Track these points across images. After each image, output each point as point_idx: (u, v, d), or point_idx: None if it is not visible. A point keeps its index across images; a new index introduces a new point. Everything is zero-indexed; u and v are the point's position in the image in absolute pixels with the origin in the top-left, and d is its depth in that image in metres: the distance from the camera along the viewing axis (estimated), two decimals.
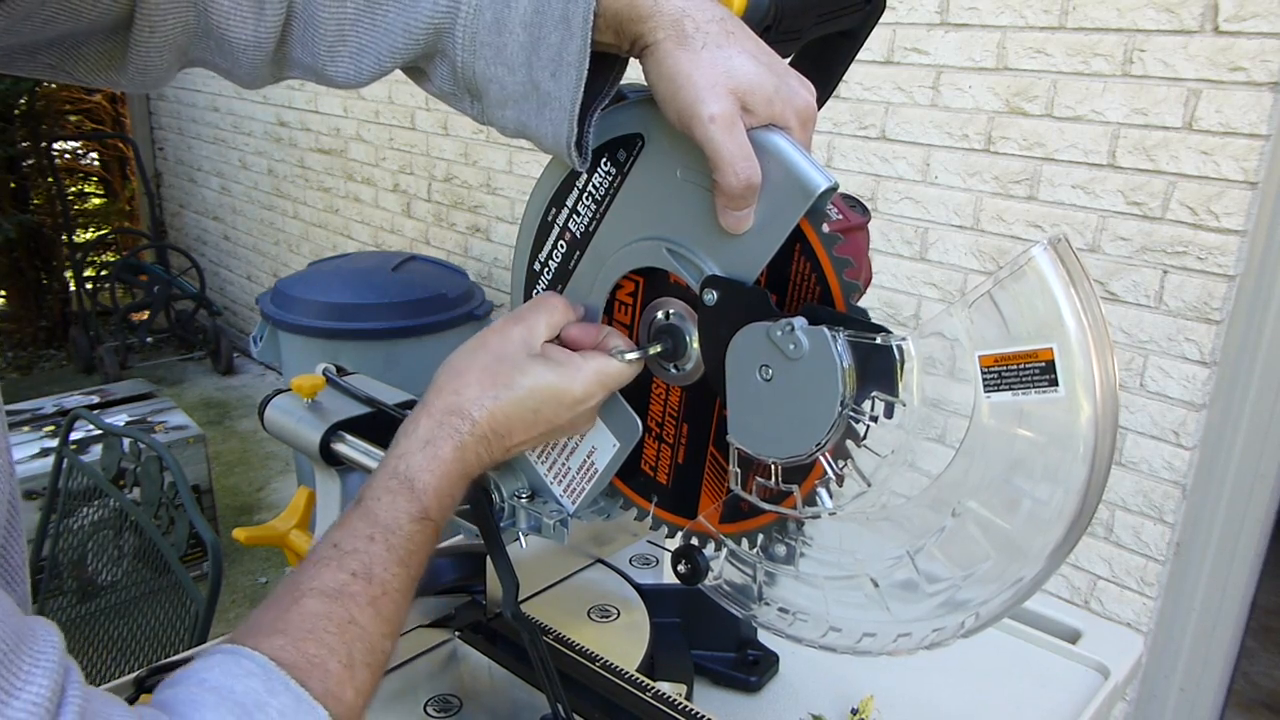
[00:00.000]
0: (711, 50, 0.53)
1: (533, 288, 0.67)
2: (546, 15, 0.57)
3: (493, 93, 0.61)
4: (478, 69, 0.60)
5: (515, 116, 0.61)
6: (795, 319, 0.52)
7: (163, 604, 1.81)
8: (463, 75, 0.61)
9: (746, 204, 0.53)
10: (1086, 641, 1.03)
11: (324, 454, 0.91)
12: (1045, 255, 0.48)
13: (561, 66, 0.57)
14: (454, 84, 0.63)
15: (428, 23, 0.60)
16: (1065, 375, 0.48)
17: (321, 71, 0.63)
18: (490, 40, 0.59)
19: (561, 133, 0.58)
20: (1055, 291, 0.48)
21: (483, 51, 0.59)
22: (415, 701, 0.78)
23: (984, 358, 0.50)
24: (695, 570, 0.64)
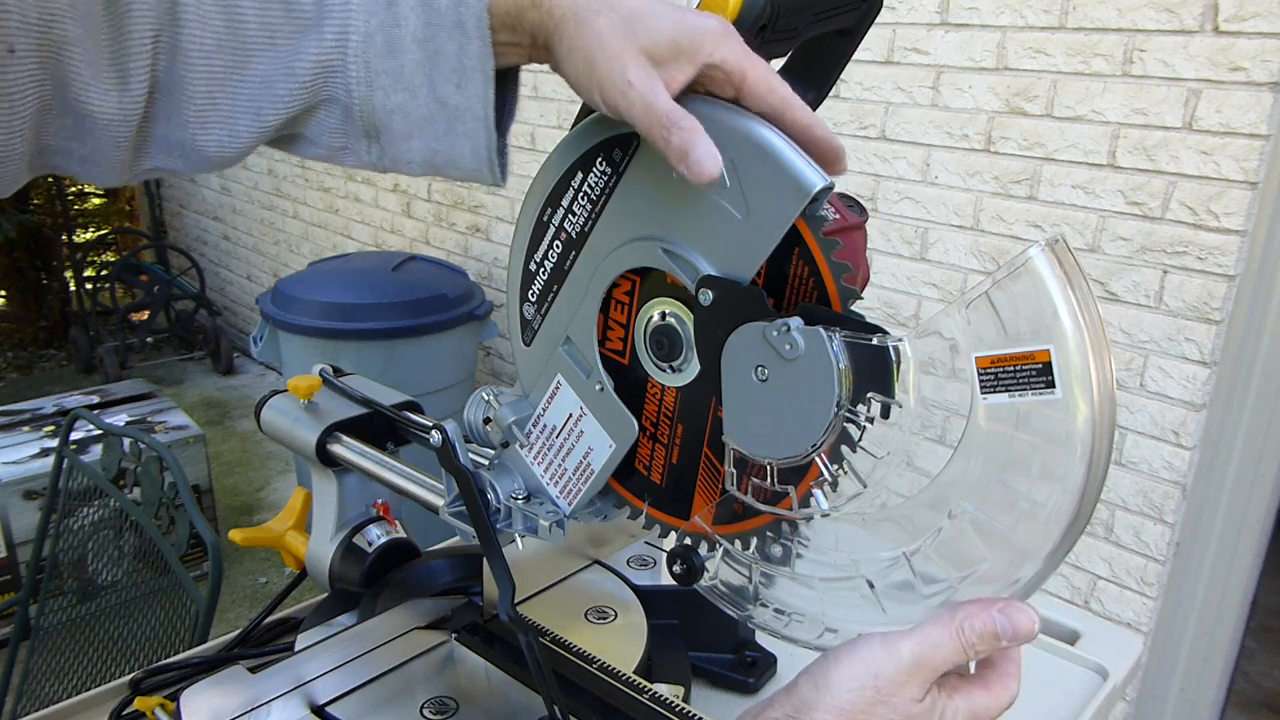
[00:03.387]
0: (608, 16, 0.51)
1: (528, 288, 0.66)
2: (439, 26, 0.54)
3: (396, 125, 0.57)
4: (377, 102, 0.56)
5: (424, 145, 0.57)
6: (791, 319, 0.52)
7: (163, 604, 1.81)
8: (360, 114, 0.57)
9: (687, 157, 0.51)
10: (1085, 642, 1.02)
11: (320, 455, 0.91)
12: (1042, 256, 0.48)
13: (465, 74, 0.54)
14: (345, 132, 0.58)
15: (315, 63, 0.55)
16: (1062, 377, 0.48)
17: (190, 145, 0.57)
18: (386, 67, 0.55)
19: (480, 144, 0.56)
20: (1053, 292, 0.48)
21: (380, 80, 0.56)
22: (411, 704, 0.78)
23: (980, 359, 0.50)
24: (691, 571, 0.64)
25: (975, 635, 0.51)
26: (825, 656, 0.54)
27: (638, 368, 0.63)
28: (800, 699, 0.53)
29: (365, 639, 0.84)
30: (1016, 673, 0.55)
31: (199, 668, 0.88)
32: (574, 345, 0.65)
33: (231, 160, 0.59)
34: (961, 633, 0.51)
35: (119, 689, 0.87)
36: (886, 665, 0.52)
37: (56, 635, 1.98)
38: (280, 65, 0.55)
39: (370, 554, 0.94)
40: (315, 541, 0.96)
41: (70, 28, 0.51)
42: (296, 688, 0.78)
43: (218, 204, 5.29)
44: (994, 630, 0.51)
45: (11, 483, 2.83)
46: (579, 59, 0.53)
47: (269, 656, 0.89)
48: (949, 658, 0.52)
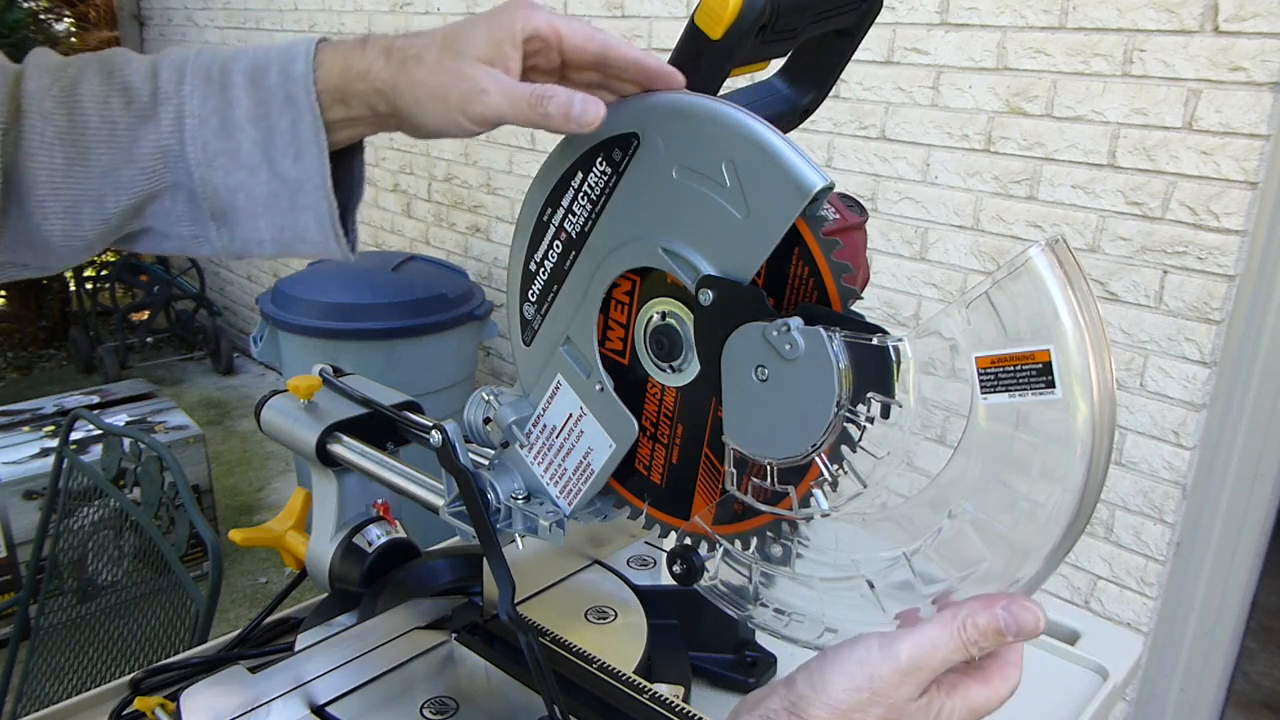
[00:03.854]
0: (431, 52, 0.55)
1: (528, 288, 0.66)
2: (270, 105, 0.56)
3: (241, 204, 0.58)
4: (219, 182, 0.58)
5: (270, 223, 0.59)
6: (791, 319, 0.52)
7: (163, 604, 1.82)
8: (204, 196, 0.58)
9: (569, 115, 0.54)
10: (1085, 642, 1.02)
11: (320, 455, 0.91)
12: (1042, 256, 0.48)
13: (301, 147, 0.56)
14: (194, 218, 0.59)
15: (154, 149, 0.57)
16: (1063, 377, 0.48)
17: (37, 235, 0.58)
18: (223, 147, 0.57)
19: (323, 213, 0.58)
20: (1053, 292, 0.48)
21: (218, 161, 0.58)
22: (411, 704, 0.78)
23: (980, 359, 0.50)
24: (691, 571, 0.64)
25: (978, 633, 0.51)
26: (824, 654, 0.54)
27: (638, 368, 0.63)
28: (798, 694, 0.53)
29: (365, 639, 0.84)
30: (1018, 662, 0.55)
31: (199, 668, 0.88)
32: (574, 345, 0.65)
33: (78, 252, 0.60)
34: (963, 630, 0.51)
35: (119, 689, 0.87)
36: (883, 666, 0.52)
37: (56, 635, 1.98)
38: (121, 154, 0.57)
39: (370, 554, 0.94)
40: (315, 541, 0.96)
41: None
42: (296, 688, 0.78)
43: None
44: (997, 627, 0.51)
45: (11, 483, 2.83)
46: (429, 100, 0.55)
47: (269, 656, 0.89)
48: (949, 657, 0.51)
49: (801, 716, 0.52)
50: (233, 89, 0.57)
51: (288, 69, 0.57)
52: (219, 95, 0.57)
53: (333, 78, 0.57)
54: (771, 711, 0.53)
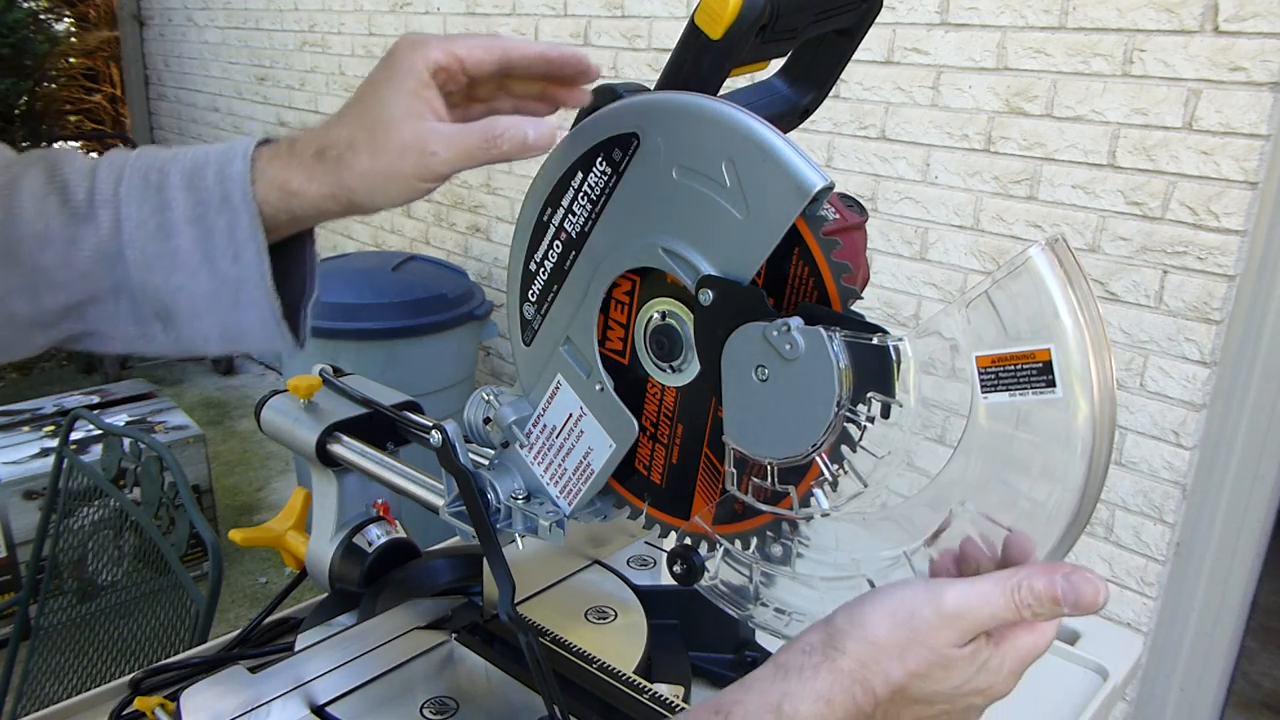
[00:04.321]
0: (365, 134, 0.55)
1: (528, 288, 0.66)
2: (207, 205, 0.56)
3: (183, 305, 0.58)
4: (158, 283, 0.57)
5: (214, 322, 0.59)
6: (791, 319, 0.52)
7: (163, 604, 1.81)
8: (145, 297, 0.58)
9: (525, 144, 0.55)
10: (1085, 642, 1.02)
11: (320, 455, 0.91)
12: (1042, 255, 0.48)
13: (239, 247, 0.56)
14: (137, 318, 0.59)
15: (92, 250, 0.57)
16: (1063, 376, 0.48)
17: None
18: (161, 249, 0.57)
19: (265, 310, 0.57)
20: (1053, 292, 0.48)
21: (158, 264, 0.57)
22: (411, 704, 0.78)
23: (981, 359, 0.50)
24: (691, 571, 0.64)
25: (1033, 597, 0.49)
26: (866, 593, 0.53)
27: (638, 368, 0.63)
28: (835, 628, 0.52)
29: (365, 639, 0.84)
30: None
31: (199, 668, 0.88)
32: (574, 345, 0.65)
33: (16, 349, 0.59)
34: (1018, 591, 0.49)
35: (119, 689, 0.87)
36: (925, 607, 0.50)
37: (56, 635, 1.98)
38: (57, 255, 0.56)
39: (370, 554, 0.94)
40: (315, 541, 0.96)
41: None
42: (296, 688, 0.78)
43: None
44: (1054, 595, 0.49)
45: (11, 483, 2.82)
46: (383, 182, 0.55)
47: (269, 656, 0.89)
48: (997, 614, 0.50)
49: (837, 649, 0.51)
50: (169, 190, 0.57)
51: (224, 170, 0.57)
52: (156, 197, 0.57)
53: (273, 179, 0.57)
54: (808, 644, 0.52)
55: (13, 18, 5.18)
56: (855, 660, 0.50)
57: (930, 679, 0.50)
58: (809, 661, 0.51)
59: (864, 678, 0.50)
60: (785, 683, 0.51)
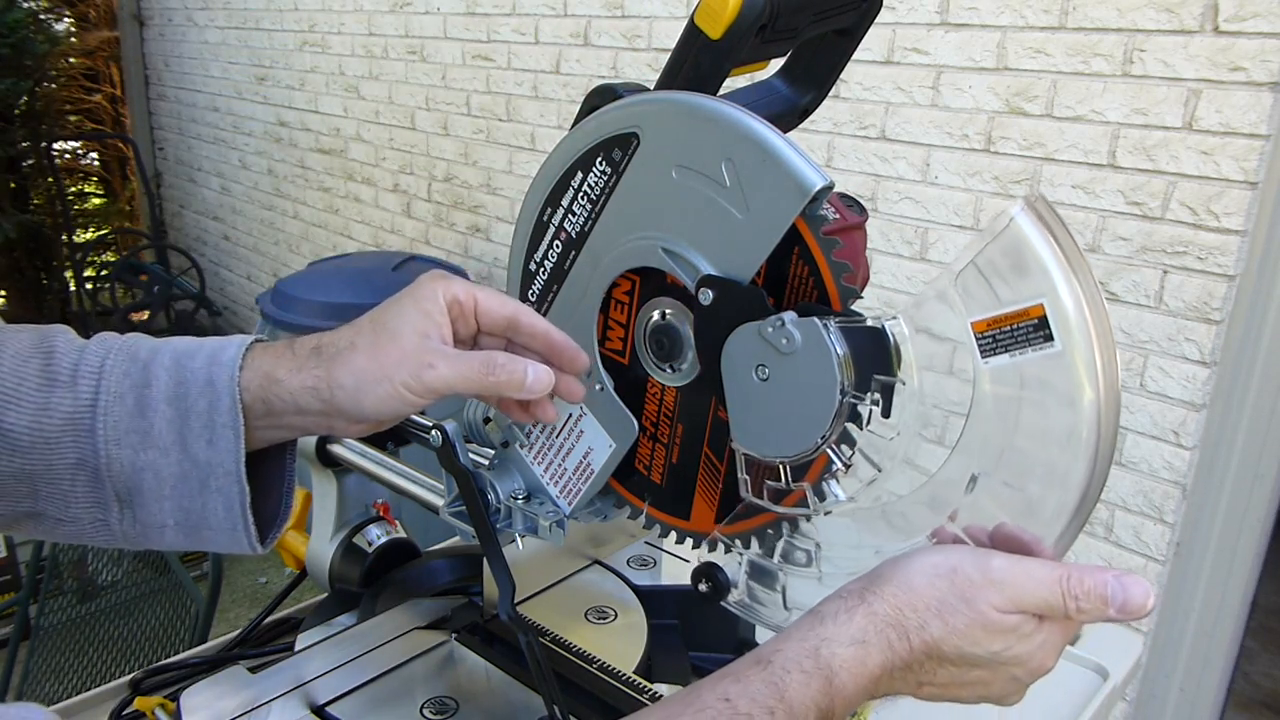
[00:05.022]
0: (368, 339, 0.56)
1: (528, 288, 0.66)
2: (190, 385, 0.56)
3: (148, 484, 0.56)
4: (126, 460, 0.56)
5: (175, 505, 0.57)
6: (785, 314, 0.52)
7: (163, 604, 1.82)
8: (109, 474, 0.56)
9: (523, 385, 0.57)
10: (1085, 642, 1.02)
11: (320, 455, 0.91)
12: (1024, 215, 0.48)
13: (216, 431, 0.56)
14: (96, 499, 0.57)
15: (65, 418, 0.55)
16: (1059, 328, 0.48)
17: None
18: (135, 425, 0.56)
19: (233, 498, 0.56)
20: (1038, 248, 0.48)
21: (129, 439, 0.56)
22: (412, 704, 0.78)
23: (976, 324, 0.50)
24: (717, 588, 0.64)
25: (1081, 590, 0.49)
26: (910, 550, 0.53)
27: (638, 367, 0.63)
28: (875, 576, 0.51)
29: (365, 639, 0.84)
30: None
31: (199, 668, 0.88)
32: None
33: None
34: (1067, 580, 0.49)
35: (119, 689, 0.87)
36: (969, 566, 0.50)
37: (56, 635, 1.98)
38: (27, 417, 0.55)
39: (370, 554, 0.94)
40: (315, 541, 0.96)
41: None
42: (296, 688, 0.78)
43: (218, 204, 5.29)
44: (1103, 593, 0.48)
45: None
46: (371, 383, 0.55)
47: (269, 656, 0.89)
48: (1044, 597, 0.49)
49: (875, 594, 0.50)
50: (156, 368, 0.57)
51: (216, 355, 0.57)
52: (141, 373, 0.57)
53: (261, 370, 0.57)
54: (847, 591, 0.51)
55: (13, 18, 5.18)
56: (892, 607, 0.50)
57: (968, 639, 0.49)
58: (845, 606, 0.50)
59: (900, 624, 0.49)
60: (823, 628, 0.50)
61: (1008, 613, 0.49)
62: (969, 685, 0.51)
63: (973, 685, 0.51)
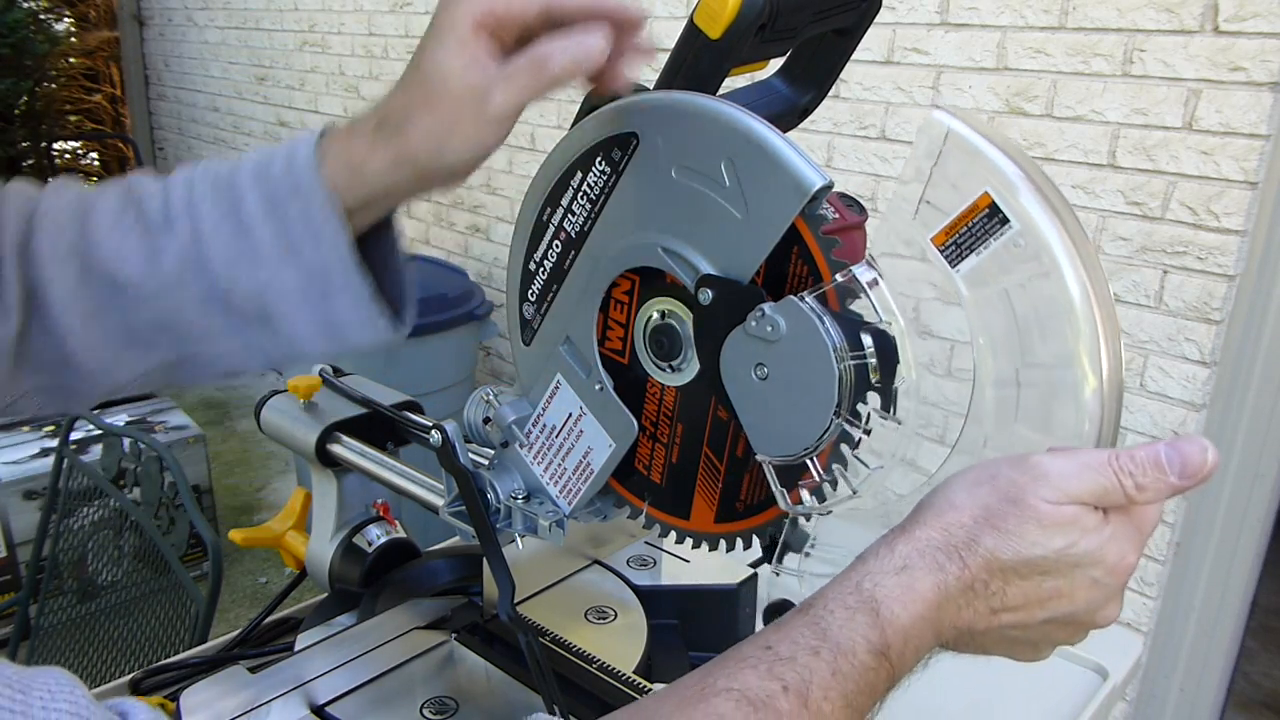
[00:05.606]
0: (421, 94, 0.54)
1: (528, 288, 0.66)
2: (278, 195, 0.56)
3: (273, 302, 0.57)
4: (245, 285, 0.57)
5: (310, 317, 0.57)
6: (763, 305, 0.53)
7: (163, 604, 1.81)
8: (238, 301, 0.57)
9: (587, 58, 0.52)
10: (1085, 642, 1.02)
11: (320, 455, 0.91)
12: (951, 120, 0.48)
13: (316, 231, 0.55)
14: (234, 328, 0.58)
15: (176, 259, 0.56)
16: (1009, 206, 0.48)
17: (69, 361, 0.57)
18: (242, 249, 0.56)
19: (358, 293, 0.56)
20: (968, 139, 0.48)
21: (240, 264, 0.56)
22: (411, 704, 0.78)
23: (935, 238, 0.50)
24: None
25: (1133, 464, 0.45)
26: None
27: (637, 367, 0.63)
28: (917, 506, 0.49)
29: (365, 639, 0.84)
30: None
31: (199, 668, 0.88)
32: (573, 345, 0.65)
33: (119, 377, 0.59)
34: (1115, 460, 0.45)
35: (119, 689, 0.87)
36: (1009, 467, 0.47)
37: (56, 635, 1.98)
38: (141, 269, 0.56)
39: (370, 554, 0.94)
40: (315, 541, 0.96)
41: None
42: (296, 688, 0.78)
43: None
44: (1157, 461, 0.45)
45: (11, 483, 2.82)
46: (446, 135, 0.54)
47: (269, 656, 0.89)
48: (1096, 481, 0.45)
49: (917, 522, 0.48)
50: (240, 189, 0.57)
51: (291, 159, 0.56)
52: (228, 197, 0.57)
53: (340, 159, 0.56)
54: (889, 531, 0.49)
55: (13, 18, 5.18)
56: (936, 529, 0.47)
57: (1025, 540, 0.45)
58: (886, 540, 0.48)
59: (948, 544, 0.46)
60: (864, 565, 0.47)
61: (1061, 504, 0.45)
62: (1050, 602, 0.46)
63: (1054, 601, 0.46)
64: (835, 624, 0.44)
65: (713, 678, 0.43)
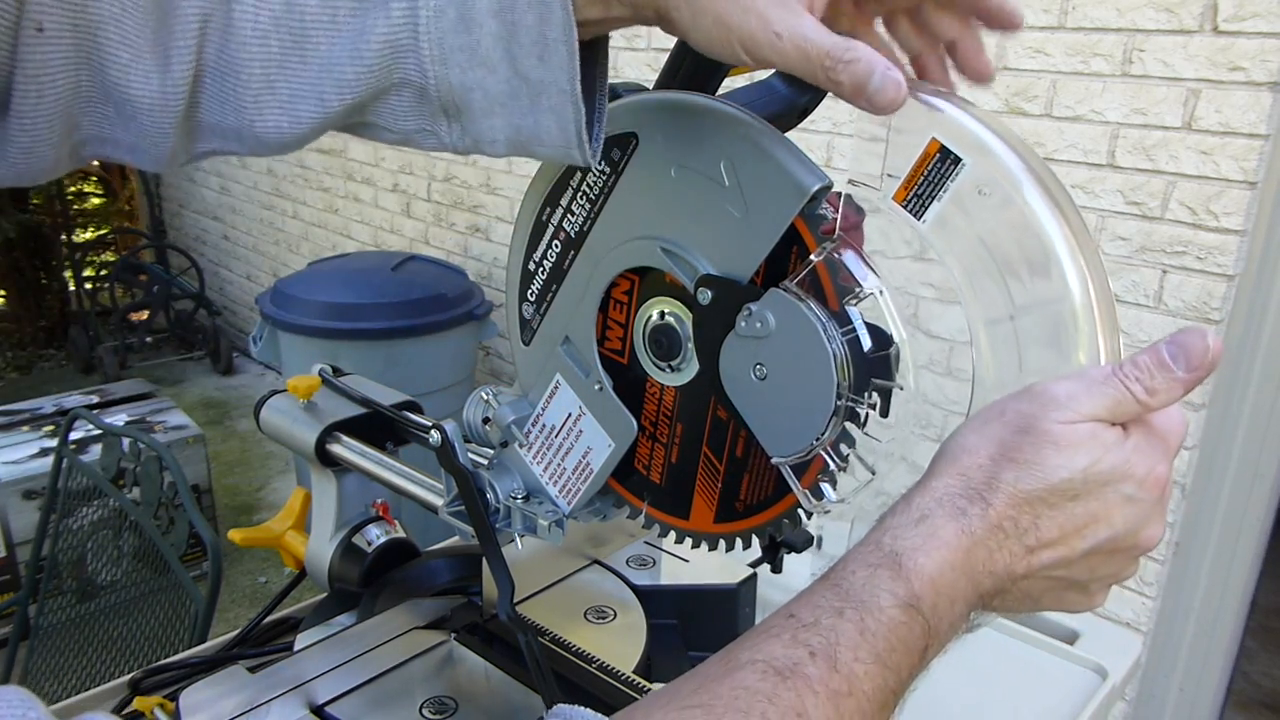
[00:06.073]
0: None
1: (527, 288, 0.66)
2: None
3: (476, 102, 0.53)
4: (453, 79, 0.52)
5: (506, 123, 0.53)
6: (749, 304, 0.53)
7: (162, 604, 1.82)
8: (437, 93, 0.53)
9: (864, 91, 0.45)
10: (1084, 642, 1.02)
11: (319, 455, 0.91)
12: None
13: (547, 47, 0.50)
14: (421, 113, 0.54)
15: (383, 43, 0.51)
16: (959, 144, 0.49)
17: (248, 131, 0.54)
18: (460, 42, 0.51)
19: (568, 120, 0.51)
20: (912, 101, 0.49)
21: (455, 57, 0.52)
22: (411, 704, 0.78)
23: (896, 195, 0.52)
24: None
25: (1137, 370, 0.44)
26: None
27: (637, 367, 0.63)
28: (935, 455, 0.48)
29: (365, 639, 0.84)
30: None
31: (198, 668, 0.88)
32: (573, 345, 0.65)
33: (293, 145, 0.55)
34: (1119, 370, 0.44)
35: (118, 689, 0.87)
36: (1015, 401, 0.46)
37: (56, 635, 1.98)
38: (345, 47, 0.52)
39: (370, 554, 0.94)
40: (314, 541, 0.96)
41: (106, 7, 0.49)
42: (296, 688, 0.78)
43: (217, 204, 5.29)
44: (1161, 359, 0.44)
45: (11, 482, 2.82)
46: (710, 23, 0.47)
47: (268, 656, 0.89)
48: (1105, 394, 0.44)
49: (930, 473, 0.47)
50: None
51: None
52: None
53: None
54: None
55: None
56: (952, 475, 0.45)
57: (1046, 466, 0.43)
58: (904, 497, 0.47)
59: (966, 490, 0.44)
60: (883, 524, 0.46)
61: (1075, 423, 0.44)
62: (1087, 529, 0.44)
63: (1091, 527, 0.44)
64: (857, 583, 0.43)
65: (737, 652, 0.42)
